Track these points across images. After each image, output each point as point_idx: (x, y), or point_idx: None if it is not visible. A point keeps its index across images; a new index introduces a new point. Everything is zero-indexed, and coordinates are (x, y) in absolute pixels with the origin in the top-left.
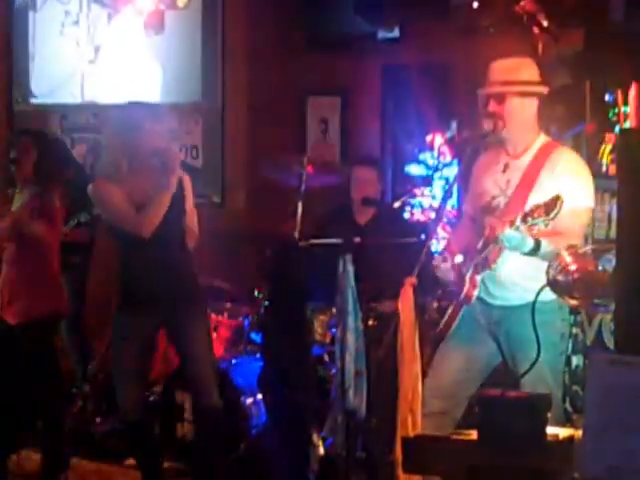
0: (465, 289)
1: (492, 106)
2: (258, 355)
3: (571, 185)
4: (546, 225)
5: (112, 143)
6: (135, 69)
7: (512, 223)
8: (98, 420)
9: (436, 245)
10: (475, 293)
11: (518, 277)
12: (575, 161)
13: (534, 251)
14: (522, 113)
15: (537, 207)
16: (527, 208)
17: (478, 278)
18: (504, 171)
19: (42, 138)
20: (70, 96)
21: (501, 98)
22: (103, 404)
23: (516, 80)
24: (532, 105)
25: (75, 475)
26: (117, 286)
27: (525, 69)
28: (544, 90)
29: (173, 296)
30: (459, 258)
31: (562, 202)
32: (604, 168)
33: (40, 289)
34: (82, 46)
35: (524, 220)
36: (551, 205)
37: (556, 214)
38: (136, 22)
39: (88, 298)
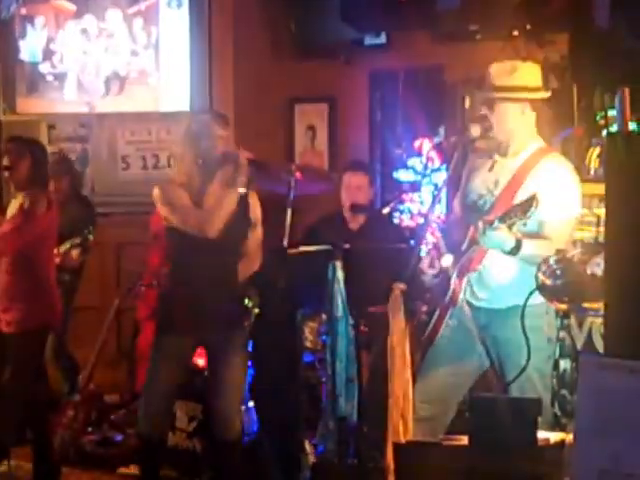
0: (450, 291)
1: (482, 109)
2: (249, 363)
3: (558, 193)
4: (524, 225)
5: (183, 151)
6: (124, 79)
7: (491, 223)
8: (89, 429)
9: (425, 251)
10: (461, 295)
11: (503, 279)
12: (564, 168)
13: (515, 250)
14: (513, 117)
15: (514, 207)
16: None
17: (464, 280)
18: (491, 169)
19: (35, 144)
20: (58, 106)
21: (491, 102)
22: (93, 414)
23: (510, 86)
24: (523, 110)
25: None
26: (161, 304)
27: (522, 75)
28: (536, 96)
29: (217, 318)
30: (448, 260)
31: (538, 202)
32: (592, 172)
33: (36, 299)
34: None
35: (502, 220)
36: (527, 205)
37: (532, 213)
38: (125, 30)
39: (74, 309)
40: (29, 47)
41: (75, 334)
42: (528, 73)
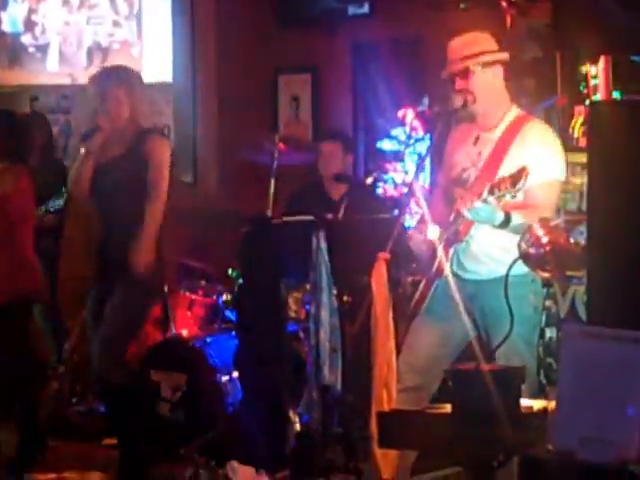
0: (437, 262)
1: (458, 84)
2: (233, 333)
3: (542, 158)
4: (513, 197)
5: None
6: (107, 50)
7: (480, 195)
8: (74, 401)
9: (409, 220)
10: (447, 267)
11: (490, 250)
12: (546, 134)
13: (504, 224)
14: (489, 84)
15: (503, 179)
16: (494, 180)
17: (450, 251)
18: (475, 143)
19: (5, 116)
20: (40, 77)
21: (465, 73)
22: (78, 385)
23: (475, 52)
24: (498, 74)
25: (52, 456)
26: None
27: (481, 41)
28: (505, 56)
29: (114, 266)
30: (434, 232)
31: (528, 173)
32: (575, 141)
33: (16, 271)
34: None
35: (491, 192)
36: (517, 177)
37: (522, 185)
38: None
39: (60, 279)
40: (10, 18)
41: (60, 305)
42: (488, 39)
